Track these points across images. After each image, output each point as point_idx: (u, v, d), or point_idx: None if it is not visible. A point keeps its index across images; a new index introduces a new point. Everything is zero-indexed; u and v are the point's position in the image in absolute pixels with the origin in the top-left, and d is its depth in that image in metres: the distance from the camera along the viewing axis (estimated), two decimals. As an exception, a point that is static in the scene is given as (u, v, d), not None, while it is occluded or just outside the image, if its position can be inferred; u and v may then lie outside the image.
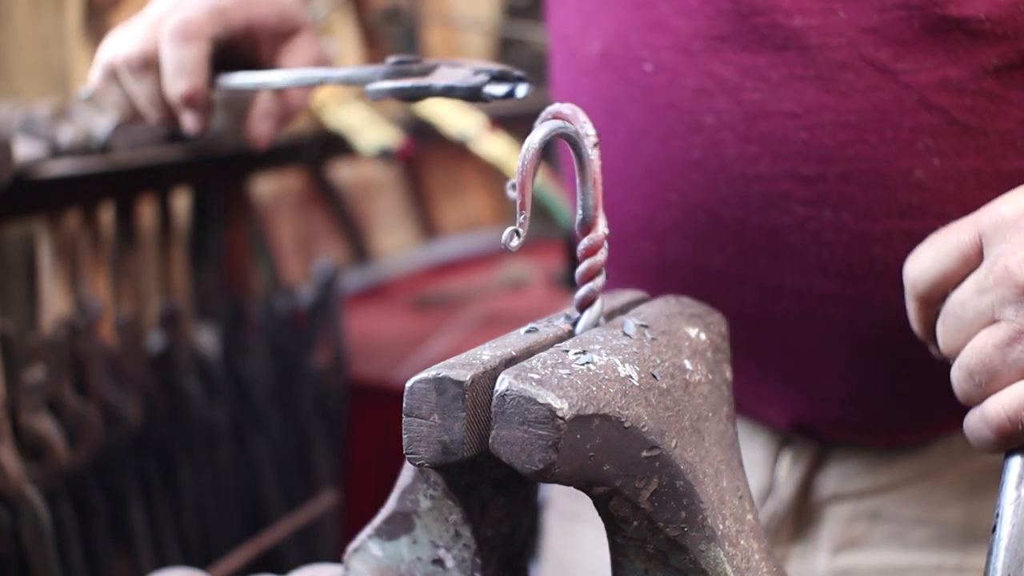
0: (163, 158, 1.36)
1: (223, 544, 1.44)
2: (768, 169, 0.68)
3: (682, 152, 0.71)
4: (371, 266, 2.32)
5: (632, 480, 0.49)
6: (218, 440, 1.43)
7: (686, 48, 0.70)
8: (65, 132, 1.23)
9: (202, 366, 1.43)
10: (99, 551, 1.27)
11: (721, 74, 0.69)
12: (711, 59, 0.69)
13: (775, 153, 0.68)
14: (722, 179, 0.70)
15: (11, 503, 1.12)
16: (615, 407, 0.47)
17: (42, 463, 1.17)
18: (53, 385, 1.19)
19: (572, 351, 0.50)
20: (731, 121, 0.69)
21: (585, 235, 0.54)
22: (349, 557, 0.58)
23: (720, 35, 0.68)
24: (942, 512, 0.77)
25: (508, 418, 0.46)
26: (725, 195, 0.70)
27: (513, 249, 0.50)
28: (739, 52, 0.68)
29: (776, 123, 0.67)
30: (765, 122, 0.68)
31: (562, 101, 0.83)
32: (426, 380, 0.48)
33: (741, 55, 0.68)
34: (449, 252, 2.50)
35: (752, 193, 0.69)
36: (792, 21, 0.66)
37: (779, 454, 0.81)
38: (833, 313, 0.70)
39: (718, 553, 0.51)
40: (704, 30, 0.69)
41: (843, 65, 0.65)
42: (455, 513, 0.54)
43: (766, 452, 0.81)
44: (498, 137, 1.63)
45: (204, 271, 1.57)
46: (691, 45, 0.70)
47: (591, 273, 0.54)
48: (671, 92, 0.71)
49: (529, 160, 0.49)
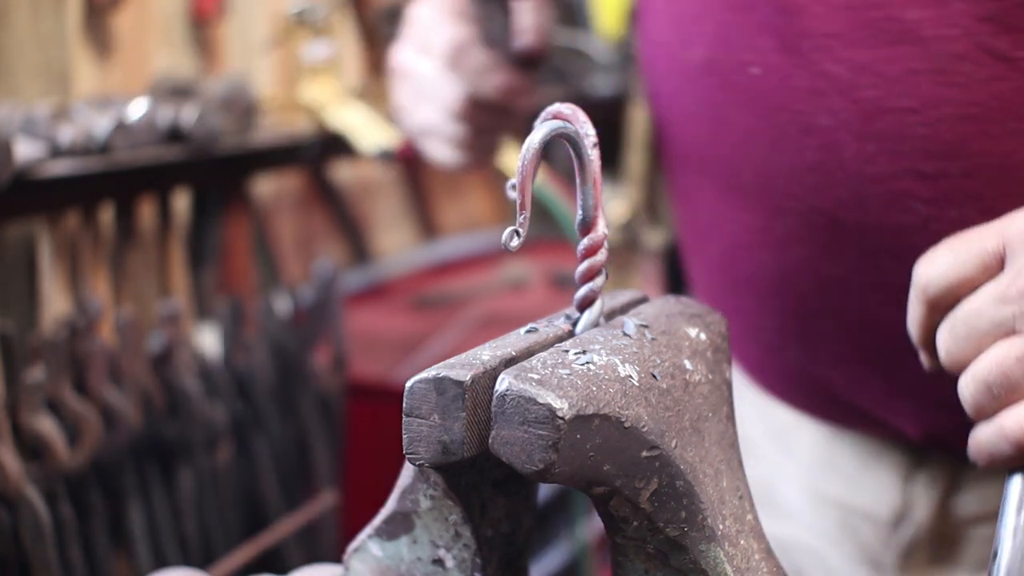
0: (163, 158, 1.36)
1: (223, 544, 1.44)
2: (887, 168, 0.66)
3: (796, 155, 0.69)
4: (371, 266, 2.32)
5: (632, 480, 0.49)
6: (218, 440, 1.43)
7: (794, 48, 0.68)
8: (65, 132, 1.23)
9: (202, 366, 1.43)
10: (98, 551, 1.27)
11: (834, 72, 0.67)
12: (822, 58, 0.67)
13: (894, 151, 0.66)
14: (839, 181, 0.68)
15: (11, 503, 1.12)
16: (615, 407, 0.47)
17: (42, 463, 1.17)
18: (53, 385, 1.20)
19: (572, 351, 0.50)
20: (847, 120, 0.67)
21: (585, 235, 0.54)
22: (349, 557, 0.58)
23: (830, 32, 0.66)
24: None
25: (508, 418, 0.46)
26: (843, 197, 0.68)
27: (513, 249, 0.50)
28: (852, 48, 0.66)
29: (894, 120, 0.65)
30: (882, 119, 0.66)
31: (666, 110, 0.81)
32: (426, 380, 0.48)
33: (854, 51, 0.66)
34: (449, 252, 2.50)
35: (871, 194, 0.67)
36: (906, 14, 0.64)
37: (912, 475, 0.78)
38: None
39: (718, 553, 0.51)
40: (812, 29, 0.67)
41: (961, 56, 0.63)
42: (455, 513, 0.54)
43: (897, 474, 0.78)
44: (498, 137, 1.63)
45: (204, 271, 1.57)
46: (799, 45, 0.68)
47: (591, 273, 0.54)
48: (781, 94, 0.69)
49: (529, 160, 0.49)
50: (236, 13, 1.88)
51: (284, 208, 2.10)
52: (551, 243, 2.11)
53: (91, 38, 1.56)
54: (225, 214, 1.61)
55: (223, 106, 1.46)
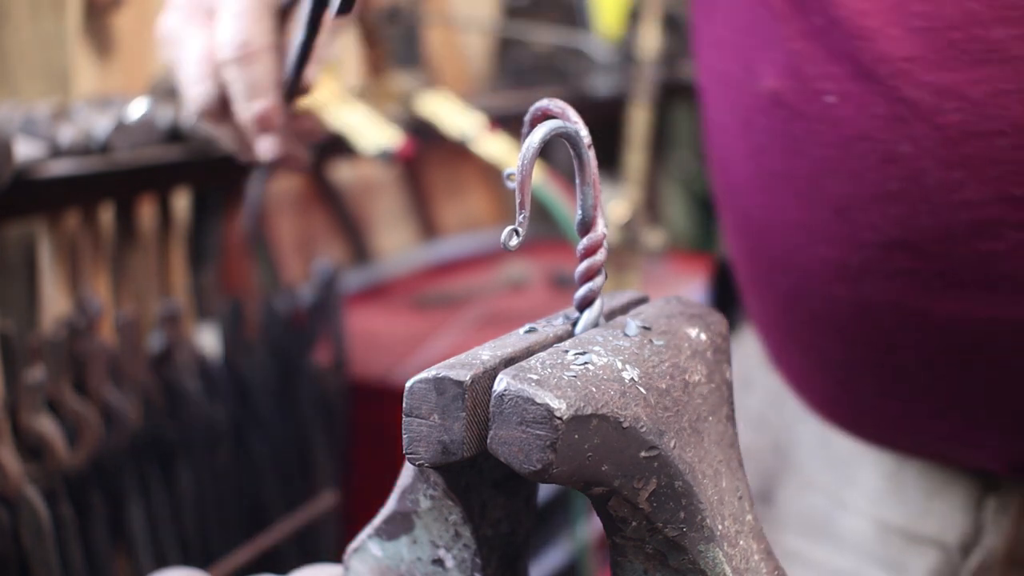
0: (163, 158, 1.36)
1: (223, 544, 1.44)
2: (976, 194, 0.64)
3: (876, 186, 0.67)
4: (371, 266, 2.32)
5: (631, 480, 0.49)
6: (218, 440, 1.43)
7: (871, 74, 0.66)
8: (65, 132, 1.23)
9: (202, 366, 1.43)
10: (99, 551, 1.27)
11: (914, 97, 0.65)
12: (902, 83, 0.65)
13: (983, 177, 0.64)
14: (923, 211, 0.66)
15: (11, 503, 1.12)
16: (613, 407, 0.47)
17: (42, 463, 1.17)
18: (53, 385, 1.20)
19: (571, 351, 0.50)
20: (931, 147, 0.65)
21: (584, 235, 0.54)
22: (349, 557, 0.58)
23: (908, 56, 0.64)
24: None
25: (506, 418, 0.46)
26: (928, 227, 0.66)
27: (512, 248, 0.50)
28: (933, 72, 0.64)
29: (982, 144, 0.63)
30: (969, 144, 0.64)
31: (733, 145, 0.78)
32: (426, 380, 0.48)
33: (936, 75, 0.64)
34: (449, 252, 2.50)
35: (959, 222, 0.65)
36: (991, 33, 0.62)
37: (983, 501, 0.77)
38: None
39: (717, 553, 0.51)
40: (889, 53, 0.65)
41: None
42: (455, 513, 0.54)
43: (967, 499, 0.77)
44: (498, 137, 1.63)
45: (204, 271, 1.57)
46: (876, 70, 0.66)
47: (591, 273, 0.54)
48: (859, 122, 0.67)
49: (528, 160, 0.49)
50: (236, 13, 1.87)
51: (284, 208, 2.10)
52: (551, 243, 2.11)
53: (91, 38, 1.56)
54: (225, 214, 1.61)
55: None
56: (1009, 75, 0.62)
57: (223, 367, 1.47)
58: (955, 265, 0.67)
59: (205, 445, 1.40)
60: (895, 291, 0.69)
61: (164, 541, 1.36)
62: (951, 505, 0.78)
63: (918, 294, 0.68)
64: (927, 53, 0.64)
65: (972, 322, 0.67)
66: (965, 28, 0.63)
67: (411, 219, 2.51)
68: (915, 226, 0.67)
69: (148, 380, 1.32)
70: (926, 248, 0.67)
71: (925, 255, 0.67)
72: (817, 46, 0.68)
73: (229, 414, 1.45)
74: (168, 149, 1.36)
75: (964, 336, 0.68)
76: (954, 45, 0.63)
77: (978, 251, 0.65)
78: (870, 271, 0.70)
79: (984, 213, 0.64)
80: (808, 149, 0.70)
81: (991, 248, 0.65)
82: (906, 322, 0.70)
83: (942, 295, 0.68)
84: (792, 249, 0.74)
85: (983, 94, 0.63)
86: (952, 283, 0.67)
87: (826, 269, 0.71)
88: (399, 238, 2.47)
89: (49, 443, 1.17)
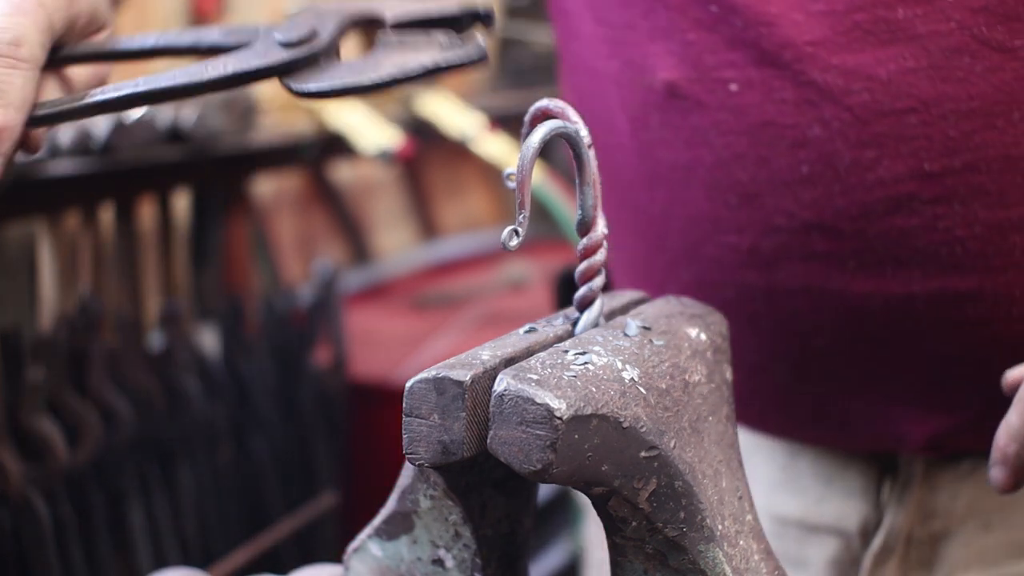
0: (163, 158, 1.36)
1: (223, 544, 1.44)
2: (889, 172, 0.65)
3: (787, 171, 0.67)
4: (371, 266, 2.32)
5: (631, 480, 0.49)
6: (218, 440, 1.43)
7: (775, 60, 0.66)
8: (65, 132, 1.23)
9: (202, 366, 1.43)
10: (99, 551, 1.27)
11: (822, 80, 0.65)
12: (808, 67, 0.65)
13: (895, 154, 0.64)
14: (837, 192, 0.66)
15: (11, 503, 1.12)
16: (613, 407, 0.47)
17: (42, 463, 1.17)
18: (53, 385, 1.20)
19: (571, 351, 0.50)
20: (841, 128, 0.65)
21: (584, 235, 0.54)
22: (349, 557, 0.58)
23: (813, 40, 0.65)
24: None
25: (506, 418, 0.46)
26: (842, 207, 0.66)
27: (512, 248, 0.50)
28: (839, 54, 0.64)
29: (893, 122, 0.64)
30: (880, 123, 0.64)
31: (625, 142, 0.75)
32: (426, 380, 0.48)
33: (842, 57, 0.64)
34: (449, 252, 2.50)
35: (873, 200, 0.66)
36: (895, 13, 0.63)
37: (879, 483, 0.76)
38: (970, 313, 0.67)
39: (717, 553, 0.51)
40: (793, 38, 0.65)
41: (958, 50, 0.62)
42: (455, 513, 0.54)
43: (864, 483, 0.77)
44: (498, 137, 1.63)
45: (204, 271, 1.57)
46: (781, 56, 0.66)
47: (590, 273, 0.54)
48: (765, 109, 0.67)
49: (528, 160, 0.49)
50: (236, 13, 1.88)
51: (284, 208, 2.10)
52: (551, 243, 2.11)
53: (91, 38, 1.56)
54: (225, 214, 1.61)
55: (223, 106, 1.46)
56: (916, 53, 0.63)
57: (223, 367, 1.47)
58: (870, 244, 0.67)
59: (205, 445, 1.41)
60: (809, 274, 0.69)
61: (164, 541, 1.36)
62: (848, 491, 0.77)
63: (833, 275, 0.68)
64: (832, 36, 0.64)
65: (887, 299, 0.68)
66: (869, 9, 0.64)
67: (411, 219, 2.51)
68: (829, 207, 0.67)
69: (148, 380, 1.33)
70: (841, 228, 0.67)
71: (840, 236, 0.67)
72: (715, 35, 0.68)
73: (229, 414, 1.45)
74: (168, 149, 1.36)
75: (879, 314, 0.68)
76: (859, 26, 0.64)
77: (893, 228, 0.66)
78: (783, 256, 0.69)
79: (898, 190, 0.65)
80: (712, 139, 0.69)
81: (905, 224, 0.65)
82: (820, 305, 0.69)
83: (856, 274, 0.68)
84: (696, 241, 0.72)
85: (890, 73, 0.64)
86: (867, 262, 0.67)
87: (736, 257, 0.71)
88: (399, 238, 2.47)
89: (49, 443, 1.17)
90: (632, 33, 0.72)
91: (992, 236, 0.64)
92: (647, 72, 0.71)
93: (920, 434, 0.72)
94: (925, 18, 0.62)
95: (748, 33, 0.66)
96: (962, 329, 0.67)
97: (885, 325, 0.68)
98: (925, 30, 0.63)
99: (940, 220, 0.65)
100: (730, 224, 0.70)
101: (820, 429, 0.76)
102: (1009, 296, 0.66)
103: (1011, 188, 0.63)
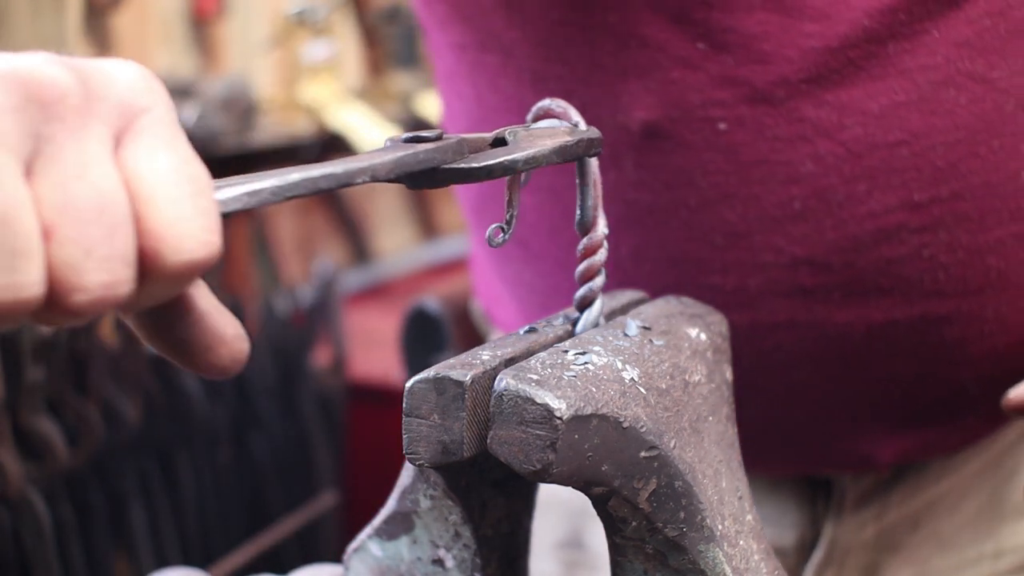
0: (163, 158, 1.36)
1: (223, 544, 1.44)
2: (879, 204, 0.65)
3: (778, 207, 0.67)
4: (371, 266, 2.32)
5: (631, 480, 0.49)
6: (218, 440, 1.43)
7: (768, 97, 0.65)
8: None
9: (202, 366, 1.43)
10: (99, 551, 1.27)
11: (816, 116, 0.65)
12: (803, 103, 0.65)
13: (885, 186, 0.65)
14: (828, 225, 0.66)
15: (11, 503, 1.12)
16: (613, 407, 0.47)
17: (42, 463, 1.17)
18: (53, 385, 1.20)
19: (571, 351, 0.50)
20: (835, 163, 0.65)
21: (584, 235, 0.54)
22: (349, 557, 0.58)
23: (808, 77, 0.65)
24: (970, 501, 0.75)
25: (506, 418, 0.46)
26: (833, 241, 0.67)
27: (498, 245, 0.50)
28: (834, 90, 0.64)
29: (884, 155, 0.65)
30: (872, 156, 0.65)
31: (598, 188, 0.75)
32: (426, 380, 0.48)
33: (837, 92, 0.64)
34: (449, 252, 2.50)
35: (863, 232, 0.66)
36: (886, 48, 0.64)
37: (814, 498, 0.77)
38: (946, 334, 0.68)
39: (717, 553, 0.51)
40: (788, 75, 0.65)
41: (944, 83, 0.63)
42: (455, 513, 0.54)
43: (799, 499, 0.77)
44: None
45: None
46: (775, 93, 0.65)
47: (590, 273, 0.54)
48: (758, 147, 0.66)
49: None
50: (236, 13, 1.88)
51: (284, 208, 2.10)
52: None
53: (91, 38, 1.56)
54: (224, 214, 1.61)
55: (223, 106, 1.46)
56: (906, 86, 0.64)
57: (223, 367, 1.47)
58: (858, 275, 0.67)
59: (205, 445, 1.41)
60: (794, 309, 0.68)
61: (164, 541, 1.36)
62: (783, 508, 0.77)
63: (817, 308, 0.68)
64: (826, 72, 0.64)
65: (868, 326, 0.68)
66: (862, 45, 0.64)
67: (411, 219, 2.51)
68: (821, 242, 0.67)
69: (148, 380, 1.32)
70: (831, 262, 0.67)
71: (828, 269, 0.67)
72: (700, 74, 0.66)
73: (229, 414, 1.45)
74: (168, 149, 1.36)
75: (859, 340, 0.69)
76: (852, 62, 0.64)
77: (880, 258, 0.66)
78: (768, 292, 0.69)
79: (887, 221, 0.66)
80: (697, 179, 0.68)
81: (893, 254, 0.66)
82: (803, 336, 0.69)
83: (841, 305, 0.68)
84: (674, 283, 0.70)
85: (882, 107, 0.64)
86: (852, 292, 0.68)
87: (719, 297, 0.68)
88: (399, 238, 2.47)
89: (49, 443, 1.17)
90: (598, 72, 0.69)
91: (972, 260, 0.66)
92: (619, 112, 0.68)
93: (889, 452, 0.73)
94: (913, 52, 0.64)
95: (740, 71, 0.65)
96: (938, 350, 0.68)
97: (864, 351, 0.69)
98: (914, 64, 0.64)
99: (926, 248, 0.66)
100: (714, 265, 0.69)
101: (788, 457, 0.76)
102: (982, 316, 0.67)
103: (990, 212, 0.65)
